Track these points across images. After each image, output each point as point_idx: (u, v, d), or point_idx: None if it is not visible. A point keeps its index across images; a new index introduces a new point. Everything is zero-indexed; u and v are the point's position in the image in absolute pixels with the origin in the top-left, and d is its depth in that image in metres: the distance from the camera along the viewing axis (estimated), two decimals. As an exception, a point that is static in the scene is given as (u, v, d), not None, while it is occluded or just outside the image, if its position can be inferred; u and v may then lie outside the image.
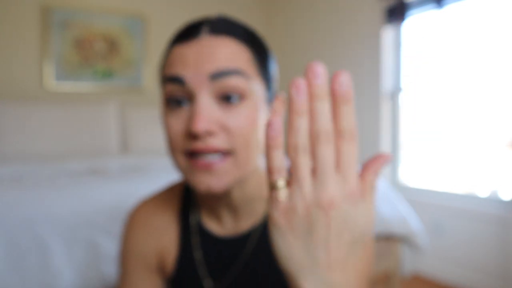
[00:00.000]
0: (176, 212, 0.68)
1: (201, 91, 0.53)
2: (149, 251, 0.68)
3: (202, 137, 0.53)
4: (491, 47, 2.44)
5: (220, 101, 0.54)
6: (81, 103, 2.98)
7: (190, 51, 0.54)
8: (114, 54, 3.29)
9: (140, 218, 0.70)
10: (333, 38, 3.29)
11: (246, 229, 0.64)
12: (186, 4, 3.64)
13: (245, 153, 0.55)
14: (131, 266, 0.69)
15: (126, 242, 0.70)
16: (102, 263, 1.34)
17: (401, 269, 2.07)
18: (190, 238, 0.66)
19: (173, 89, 0.55)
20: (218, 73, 0.53)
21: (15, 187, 1.63)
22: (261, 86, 0.58)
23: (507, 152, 2.32)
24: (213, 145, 0.53)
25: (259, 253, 0.63)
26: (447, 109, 2.77)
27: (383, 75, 2.91)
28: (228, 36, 0.56)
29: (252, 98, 0.56)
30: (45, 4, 3.03)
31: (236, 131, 0.54)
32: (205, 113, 0.52)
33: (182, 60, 0.54)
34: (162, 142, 3.06)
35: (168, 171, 2.07)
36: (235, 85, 0.54)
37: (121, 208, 1.44)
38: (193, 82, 0.53)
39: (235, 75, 0.54)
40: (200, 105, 0.53)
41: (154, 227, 0.68)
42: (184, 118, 0.55)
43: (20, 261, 1.24)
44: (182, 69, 0.54)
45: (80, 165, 2.17)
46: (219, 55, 0.54)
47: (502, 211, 2.29)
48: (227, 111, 0.54)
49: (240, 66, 0.55)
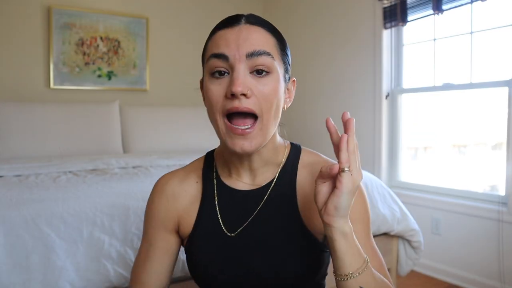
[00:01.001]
0: (200, 174, 0.86)
1: (240, 65, 0.70)
2: (167, 215, 0.84)
3: (239, 97, 0.69)
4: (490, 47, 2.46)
5: (252, 73, 0.71)
6: (83, 104, 3.00)
7: (232, 35, 0.72)
8: (116, 55, 3.31)
9: (162, 187, 0.86)
10: (333, 38, 3.31)
11: (261, 185, 0.81)
12: (186, 5, 3.65)
13: (267, 117, 0.72)
14: (151, 227, 0.86)
15: (149, 207, 0.87)
16: (104, 262, 1.36)
17: (399, 266, 2.08)
18: (212, 191, 0.83)
19: (218, 63, 0.71)
20: (253, 52, 0.70)
21: (18, 186, 1.65)
22: (281, 67, 0.76)
23: (503, 149, 2.33)
24: (246, 105, 0.69)
25: (269, 204, 0.80)
26: (445, 108, 2.78)
27: (382, 75, 2.92)
28: (259, 26, 0.74)
29: (275, 74, 0.73)
30: (48, 5, 3.05)
31: (263, 95, 0.71)
32: (242, 79, 0.69)
33: (226, 42, 0.71)
34: (163, 142, 3.08)
35: (168, 171, 2.09)
36: (264, 62, 0.71)
37: (123, 207, 1.46)
38: (234, 58, 0.70)
39: (265, 55, 0.71)
40: (238, 74, 0.69)
41: (175, 194, 0.85)
42: (224, 85, 0.71)
43: (23, 260, 1.26)
44: (226, 48, 0.71)
45: (82, 164, 2.19)
46: (253, 39, 0.71)
47: (498, 207, 2.31)
48: (257, 81, 0.71)
49: (268, 49, 0.72)
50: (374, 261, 0.76)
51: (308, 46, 3.52)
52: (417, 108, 2.93)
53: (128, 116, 3.09)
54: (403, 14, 2.72)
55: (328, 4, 3.34)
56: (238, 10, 3.86)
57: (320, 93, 3.42)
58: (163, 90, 3.54)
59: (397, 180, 2.95)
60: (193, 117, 3.28)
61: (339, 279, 0.67)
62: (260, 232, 0.79)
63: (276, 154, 0.82)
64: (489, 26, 2.44)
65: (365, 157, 3.04)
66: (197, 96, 3.57)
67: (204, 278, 0.82)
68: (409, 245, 2.05)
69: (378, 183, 2.02)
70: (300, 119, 3.56)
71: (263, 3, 4.04)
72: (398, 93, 2.93)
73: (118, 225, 1.42)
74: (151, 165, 2.31)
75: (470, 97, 2.64)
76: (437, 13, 2.54)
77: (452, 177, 2.72)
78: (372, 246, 0.79)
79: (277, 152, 0.82)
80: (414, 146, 3.06)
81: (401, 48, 2.93)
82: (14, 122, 2.65)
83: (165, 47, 3.55)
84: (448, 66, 2.68)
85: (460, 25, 2.57)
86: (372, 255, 0.76)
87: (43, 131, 2.70)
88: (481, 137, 2.74)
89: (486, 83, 2.46)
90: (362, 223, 0.79)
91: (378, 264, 0.76)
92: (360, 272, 0.66)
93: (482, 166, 2.68)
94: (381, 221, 1.91)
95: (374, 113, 2.98)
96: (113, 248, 1.38)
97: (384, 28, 2.88)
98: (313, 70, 3.46)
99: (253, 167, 0.81)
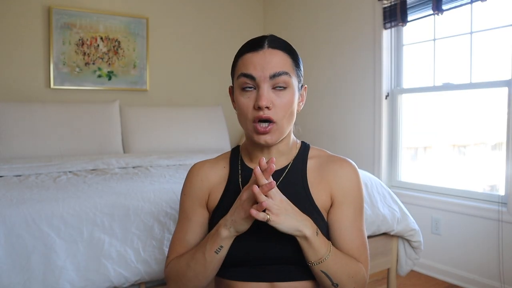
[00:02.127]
0: (228, 162, 1.05)
1: (264, 84, 0.90)
2: (201, 191, 1.02)
3: (263, 109, 0.89)
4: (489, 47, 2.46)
5: (274, 88, 0.92)
6: (83, 104, 3.01)
7: (257, 58, 0.91)
8: (116, 55, 3.31)
9: (197, 170, 1.05)
10: (333, 38, 3.31)
11: (276, 170, 0.98)
12: (187, 5, 3.65)
13: (283, 122, 0.93)
14: (189, 204, 1.02)
15: (186, 186, 1.04)
16: (104, 262, 1.36)
17: (399, 266, 2.09)
18: (237, 173, 1.02)
19: (247, 81, 0.91)
20: (274, 74, 0.90)
21: (18, 186, 1.65)
22: (296, 80, 0.96)
23: (503, 149, 2.34)
24: (268, 115, 0.90)
25: (285, 185, 0.96)
26: (445, 108, 2.79)
27: (382, 75, 2.92)
28: (279, 50, 0.93)
29: (291, 88, 0.94)
30: (48, 5, 3.05)
31: (281, 106, 0.92)
32: (266, 95, 0.90)
33: (253, 65, 0.91)
34: (163, 142, 3.08)
35: (169, 171, 2.10)
36: (283, 80, 0.92)
37: (123, 207, 1.46)
38: (260, 79, 0.90)
39: (284, 75, 0.91)
40: (263, 91, 0.90)
41: (207, 175, 1.03)
42: (252, 98, 0.91)
43: (23, 260, 1.26)
44: (253, 70, 0.91)
45: (82, 164, 2.19)
46: (275, 63, 0.91)
47: (498, 207, 2.31)
48: (277, 95, 0.92)
49: (286, 69, 0.92)
50: (357, 241, 0.95)
51: (308, 46, 3.52)
52: (417, 108, 2.93)
53: (128, 116, 3.09)
54: (403, 14, 2.72)
55: (328, 4, 3.34)
56: (238, 10, 3.88)
57: (320, 93, 3.42)
58: (163, 90, 3.54)
59: (397, 180, 2.95)
60: (193, 117, 3.28)
61: (307, 264, 0.89)
62: None
63: (290, 148, 1.02)
64: (489, 26, 2.45)
65: (365, 157, 3.04)
66: (197, 96, 3.58)
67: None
68: (409, 245, 2.05)
69: (378, 183, 2.02)
70: (300, 118, 3.54)
71: (263, 3, 4.04)
72: (398, 93, 2.93)
73: (118, 225, 1.42)
74: (151, 165, 2.31)
75: (470, 97, 2.64)
76: (437, 13, 2.54)
77: (452, 177, 2.72)
78: (359, 228, 0.96)
79: (291, 147, 1.02)
80: (414, 146, 3.06)
81: (401, 48, 2.94)
82: (14, 122, 2.65)
83: (165, 47, 3.55)
84: (448, 66, 2.68)
85: (460, 25, 2.57)
86: (356, 236, 0.95)
87: (43, 131, 2.70)
88: (481, 137, 2.74)
89: (486, 83, 2.46)
90: (352, 207, 0.97)
91: (359, 243, 0.95)
92: (320, 261, 0.87)
93: (482, 166, 2.68)
94: (381, 221, 1.91)
95: (374, 113, 2.98)
96: (113, 248, 1.38)
97: (384, 28, 2.88)
98: (313, 70, 3.46)
99: (271, 156, 0.98)
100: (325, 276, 0.88)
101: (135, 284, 1.44)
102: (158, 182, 1.77)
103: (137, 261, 1.40)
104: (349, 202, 0.96)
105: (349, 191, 0.96)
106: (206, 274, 0.91)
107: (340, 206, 0.96)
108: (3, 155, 2.55)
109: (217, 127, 3.34)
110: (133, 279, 1.40)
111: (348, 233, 0.94)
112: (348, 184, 0.97)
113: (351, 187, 0.97)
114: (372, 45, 2.97)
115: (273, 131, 0.92)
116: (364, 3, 3.02)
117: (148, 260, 1.42)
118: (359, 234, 0.96)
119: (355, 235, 0.95)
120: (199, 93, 3.70)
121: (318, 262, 0.87)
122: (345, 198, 0.96)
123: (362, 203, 0.99)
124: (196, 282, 0.93)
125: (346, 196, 0.96)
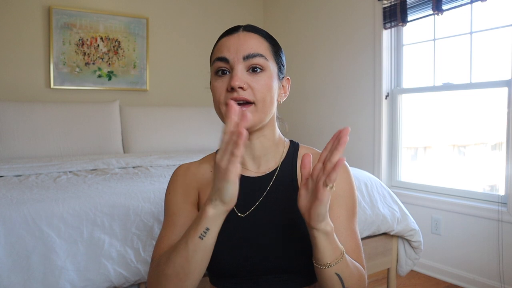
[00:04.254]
0: (213, 164, 0.95)
1: (238, 65, 0.85)
2: (188, 186, 0.96)
3: (237, 90, 0.84)
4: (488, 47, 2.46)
5: (249, 71, 0.86)
6: (83, 104, 3.01)
7: (231, 41, 0.88)
8: (116, 55, 3.31)
9: (183, 170, 0.98)
10: (333, 38, 3.31)
11: (265, 172, 0.95)
12: (187, 5, 3.65)
13: (261, 104, 0.86)
14: (174, 201, 0.94)
15: (171, 183, 0.97)
16: (104, 262, 1.36)
17: (399, 266, 2.09)
18: None
19: (221, 64, 0.87)
20: (248, 55, 0.86)
21: (18, 186, 1.65)
22: (275, 66, 0.91)
23: (503, 149, 2.34)
24: (243, 96, 0.84)
25: (275, 189, 0.92)
26: (445, 108, 2.79)
27: (382, 76, 2.92)
28: (254, 33, 0.90)
29: (268, 72, 0.88)
30: (48, 5, 3.05)
31: (257, 88, 0.85)
32: (239, 75, 0.84)
33: (227, 47, 0.87)
34: (163, 142, 3.08)
35: (169, 171, 2.10)
36: (258, 62, 0.86)
37: (123, 207, 1.46)
38: (233, 60, 0.86)
39: (258, 56, 0.87)
40: (236, 72, 0.85)
41: (194, 172, 0.97)
42: (226, 81, 0.86)
43: (23, 260, 1.26)
44: (227, 52, 0.87)
45: (82, 164, 2.19)
46: (249, 44, 0.87)
47: (498, 207, 2.31)
48: (253, 77, 0.86)
49: (262, 51, 0.87)
50: (352, 243, 0.88)
51: (308, 46, 3.52)
52: (417, 108, 2.93)
53: (128, 116, 3.09)
54: (403, 14, 2.72)
55: (328, 4, 3.34)
56: (238, 10, 3.88)
57: (320, 93, 3.42)
58: (163, 90, 3.54)
59: (397, 180, 2.95)
60: (193, 117, 3.28)
61: (318, 266, 0.79)
62: (267, 214, 0.91)
63: (276, 146, 0.96)
64: (488, 26, 2.45)
65: (365, 157, 3.05)
66: (197, 96, 3.59)
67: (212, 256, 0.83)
68: (409, 245, 2.05)
69: (378, 183, 2.02)
70: (300, 118, 3.56)
71: (263, 3, 4.04)
72: (398, 93, 2.93)
73: (118, 225, 1.42)
74: (151, 165, 2.31)
75: (470, 97, 2.64)
76: (437, 13, 2.54)
77: (452, 177, 2.72)
78: (352, 229, 0.90)
79: (277, 145, 0.96)
80: (414, 146, 3.06)
81: (401, 48, 2.94)
82: (14, 122, 2.65)
83: (165, 47, 3.55)
84: (448, 66, 2.68)
85: (460, 25, 2.57)
86: (350, 238, 0.89)
87: (43, 131, 2.70)
88: (481, 137, 2.74)
89: (486, 83, 2.46)
90: (345, 208, 0.91)
91: (353, 245, 0.88)
92: (337, 262, 0.78)
93: (482, 166, 2.68)
94: (381, 221, 1.91)
95: (374, 113, 2.98)
96: (113, 248, 1.38)
97: (384, 28, 2.88)
98: (313, 70, 3.46)
99: (255, 154, 0.94)
100: (337, 280, 0.79)
101: (135, 284, 1.44)
102: (158, 182, 1.77)
103: (137, 261, 1.40)
104: (341, 202, 0.90)
105: (340, 191, 0.90)
106: (188, 270, 0.76)
107: (331, 207, 0.88)
108: (3, 155, 2.55)
109: (217, 127, 3.34)
110: (133, 279, 1.40)
111: (342, 235, 0.87)
112: (339, 183, 0.90)
113: (343, 187, 0.91)
114: (372, 45, 2.97)
115: (251, 112, 0.85)
116: (364, 3, 3.02)
117: (148, 260, 1.42)
118: (353, 236, 0.89)
119: (350, 236, 0.89)
120: (199, 93, 3.69)
121: (335, 262, 0.78)
122: (337, 198, 0.90)
123: (355, 203, 0.93)
124: (176, 281, 0.77)
125: (338, 196, 0.90)
